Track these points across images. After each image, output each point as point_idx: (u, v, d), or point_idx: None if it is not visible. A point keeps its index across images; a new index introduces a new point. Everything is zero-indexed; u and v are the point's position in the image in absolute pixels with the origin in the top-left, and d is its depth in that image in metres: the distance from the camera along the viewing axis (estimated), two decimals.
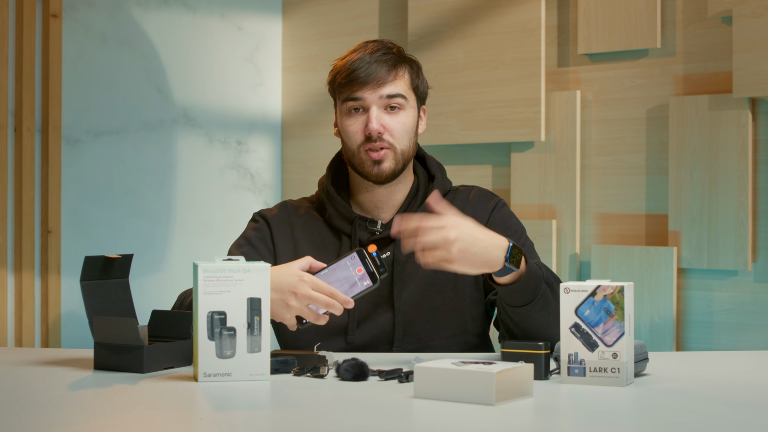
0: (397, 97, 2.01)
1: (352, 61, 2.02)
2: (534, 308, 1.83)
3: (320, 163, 3.74)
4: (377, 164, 2.00)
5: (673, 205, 2.97)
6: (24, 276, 3.21)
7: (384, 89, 2.00)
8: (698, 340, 2.96)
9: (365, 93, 2.00)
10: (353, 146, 2.02)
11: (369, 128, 1.99)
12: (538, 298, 1.82)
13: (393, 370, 1.66)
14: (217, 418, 1.41)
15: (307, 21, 3.82)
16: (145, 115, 3.52)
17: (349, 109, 2.02)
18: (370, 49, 2.02)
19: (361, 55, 2.02)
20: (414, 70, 2.06)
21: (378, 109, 2.00)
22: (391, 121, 2.01)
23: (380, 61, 2.01)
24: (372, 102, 2.00)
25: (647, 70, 3.05)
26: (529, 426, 1.39)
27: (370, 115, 2.00)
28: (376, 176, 2.01)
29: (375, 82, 2.00)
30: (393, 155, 2.01)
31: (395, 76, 2.02)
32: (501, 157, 3.33)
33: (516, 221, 2.09)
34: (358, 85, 2.00)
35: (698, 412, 1.44)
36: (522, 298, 1.83)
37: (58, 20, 3.28)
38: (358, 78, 2.00)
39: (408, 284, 2.02)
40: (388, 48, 2.04)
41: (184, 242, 3.60)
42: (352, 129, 2.02)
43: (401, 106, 2.02)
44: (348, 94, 2.01)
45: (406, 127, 2.03)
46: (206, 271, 1.63)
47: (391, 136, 2.00)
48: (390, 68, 2.01)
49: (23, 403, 1.48)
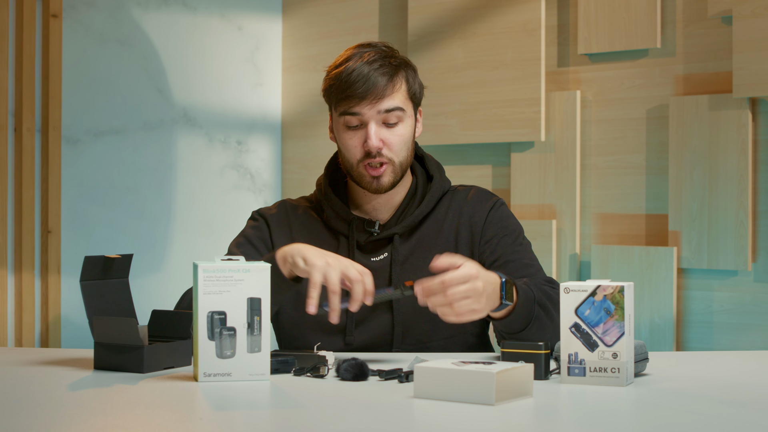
0: (395, 110, 1.98)
1: (349, 72, 1.96)
2: (530, 331, 1.83)
3: (320, 163, 3.72)
4: (377, 179, 1.99)
5: (673, 205, 2.97)
6: (24, 276, 3.21)
7: (382, 104, 1.96)
8: (698, 340, 2.96)
9: (363, 108, 1.96)
10: (352, 160, 2.00)
11: (368, 145, 1.96)
12: (532, 322, 1.82)
13: (393, 370, 1.66)
14: (217, 418, 1.41)
15: (307, 21, 3.82)
16: (145, 115, 3.52)
17: (347, 123, 1.99)
18: (367, 59, 1.97)
19: (357, 65, 1.96)
20: (410, 76, 2.02)
21: (376, 125, 1.97)
22: (390, 135, 1.98)
23: (377, 73, 1.96)
24: (370, 117, 1.97)
25: (647, 70, 3.05)
26: (529, 426, 1.39)
27: (369, 132, 1.96)
28: (375, 190, 2.00)
29: (373, 97, 1.95)
30: (392, 169, 1.99)
31: (393, 88, 1.97)
32: (501, 157, 3.33)
33: (514, 221, 2.08)
34: (356, 100, 1.96)
35: (698, 412, 1.44)
36: (517, 326, 1.82)
37: (58, 20, 3.28)
38: (356, 93, 1.95)
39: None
40: (384, 56, 1.99)
41: (183, 242, 3.60)
42: (350, 143, 1.99)
43: (400, 119, 1.99)
44: (345, 108, 1.98)
45: (405, 138, 2.00)
46: (206, 271, 1.63)
47: (390, 150, 1.98)
48: (388, 81, 1.96)
49: (23, 403, 1.48)
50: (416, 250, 2.03)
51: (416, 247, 2.03)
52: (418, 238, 2.04)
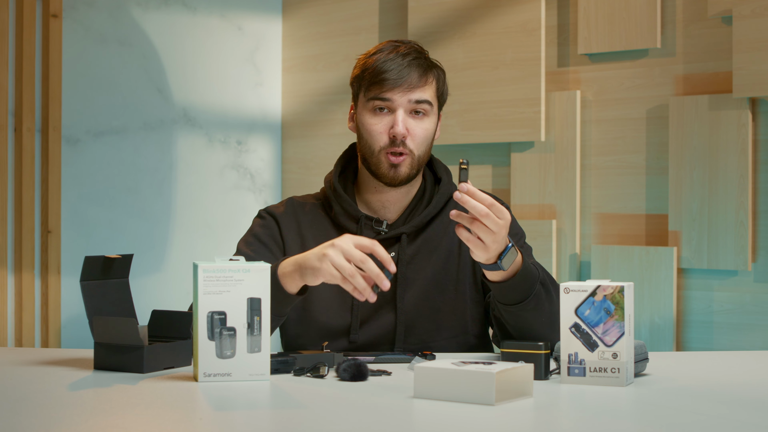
0: (424, 103, 2.00)
1: (384, 60, 2.00)
2: (526, 308, 1.83)
3: (320, 163, 3.74)
4: (394, 168, 2.00)
5: (673, 205, 2.97)
6: (24, 276, 3.21)
7: (414, 94, 1.99)
8: (698, 340, 2.96)
9: (395, 95, 1.99)
10: (374, 146, 2.01)
11: (395, 130, 1.98)
12: (531, 298, 1.82)
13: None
14: (217, 418, 1.41)
15: (307, 21, 3.82)
16: (145, 115, 3.52)
17: (375, 108, 2.01)
18: (403, 51, 2.01)
19: (393, 55, 2.00)
20: (441, 78, 2.06)
21: (404, 113, 2.00)
22: (415, 126, 2.00)
23: (413, 65, 2.00)
24: (400, 105, 1.99)
25: (647, 70, 3.05)
26: (529, 426, 1.39)
27: (397, 118, 1.99)
28: (392, 179, 2.01)
29: (406, 86, 1.98)
30: (410, 161, 2.01)
31: (425, 82, 2.01)
32: (501, 157, 3.33)
33: (516, 225, 2.09)
34: (389, 86, 1.99)
35: (698, 412, 1.44)
36: (515, 296, 1.83)
37: (58, 20, 3.29)
38: (390, 79, 1.98)
39: (411, 286, 2.02)
40: (419, 52, 2.03)
41: (184, 242, 3.60)
42: (376, 129, 2.01)
43: (426, 113, 2.01)
44: (377, 92, 2.00)
45: (428, 133, 2.03)
46: (206, 271, 1.63)
47: (413, 141, 2.00)
48: (422, 74, 2.00)
49: (23, 403, 1.48)
50: (421, 250, 2.04)
51: (421, 247, 2.04)
52: (424, 239, 2.05)
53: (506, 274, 1.80)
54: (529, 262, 1.84)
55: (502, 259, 1.76)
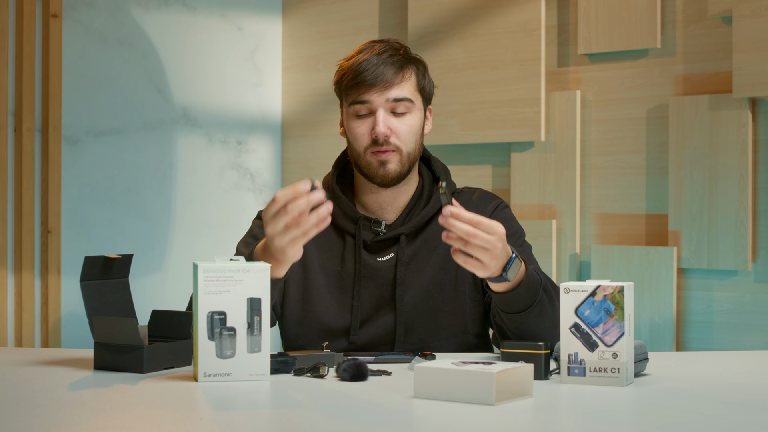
0: (404, 100, 2.00)
1: (359, 62, 2.00)
2: (530, 315, 1.83)
3: (320, 163, 3.74)
4: (383, 165, 2.00)
5: (673, 205, 2.97)
6: (24, 276, 3.21)
7: (391, 92, 1.99)
8: (698, 340, 2.96)
9: (372, 96, 1.99)
10: (359, 149, 2.02)
11: (376, 131, 1.98)
12: (534, 305, 1.82)
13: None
14: (217, 418, 1.41)
15: (307, 21, 3.82)
16: (145, 115, 3.52)
17: (356, 112, 2.01)
18: (377, 50, 2.01)
19: (367, 56, 2.00)
20: (420, 71, 2.05)
21: (385, 112, 1.99)
22: (397, 124, 2.00)
23: (387, 63, 2.00)
24: (379, 105, 1.99)
25: (647, 70, 3.05)
26: (529, 426, 1.39)
27: (377, 118, 1.99)
28: (382, 178, 2.01)
29: (382, 85, 1.99)
30: (399, 158, 2.01)
31: (402, 78, 2.01)
32: (501, 157, 3.33)
33: (515, 224, 2.09)
34: (365, 88, 1.99)
35: (698, 412, 1.44)
36: (519, 305, 1.83)
37: (58, 20, 3.28)
38: (365, 80, 1.98)
39: (410, 286, 2.02)
40: (394, 49, 2.03)
41: (183, 242, 3.60)
42: (358, 131, 2.01)
43: (408, 110, 2.01)
44: (355, 96, 2.01)
45: (413, 129, 2.02)
46: (206, 272, 1.63)
47: (397, 138, 2.00)
48: (397, 70, 2.00)
49: (23, 403, 1.48)
50: (421, 250, 2.04)
51: (421, 247, 2.04)
52: (424, 239, 2.05)
53: (511, 284, 1.80)
54: (531, 269, 1.84)
55: (507, 271, 1.75)
